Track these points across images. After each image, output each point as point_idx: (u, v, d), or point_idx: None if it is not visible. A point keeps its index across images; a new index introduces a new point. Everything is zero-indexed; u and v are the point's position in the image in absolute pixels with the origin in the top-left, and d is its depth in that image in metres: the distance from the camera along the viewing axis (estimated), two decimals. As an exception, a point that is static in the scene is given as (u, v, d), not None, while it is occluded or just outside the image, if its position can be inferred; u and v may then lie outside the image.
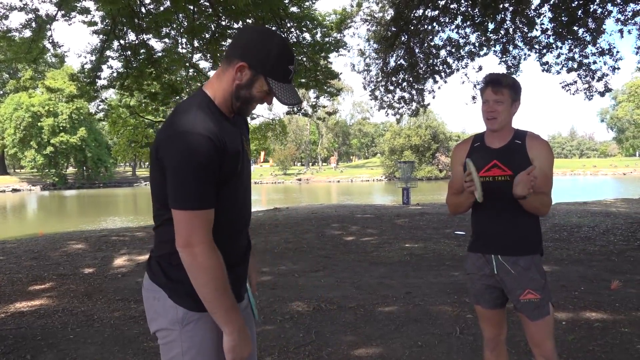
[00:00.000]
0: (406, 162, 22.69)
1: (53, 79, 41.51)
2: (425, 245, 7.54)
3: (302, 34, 11.27)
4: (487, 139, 2.34)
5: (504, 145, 2.28)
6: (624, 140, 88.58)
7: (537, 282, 2.23)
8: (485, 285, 2.34)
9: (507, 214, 2.25)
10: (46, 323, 4.23)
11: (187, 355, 1.51)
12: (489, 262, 2.30)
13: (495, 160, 2.26)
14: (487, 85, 2.24)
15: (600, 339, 3.55)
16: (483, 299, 2.36)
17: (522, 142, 2.26)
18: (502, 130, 2.27)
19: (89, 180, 55.60)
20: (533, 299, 2.21)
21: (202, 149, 1.42)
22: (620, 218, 10.02)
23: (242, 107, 1.57)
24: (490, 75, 2.28)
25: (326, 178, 61.39)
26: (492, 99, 2.22)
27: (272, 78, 1.52)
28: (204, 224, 1.44)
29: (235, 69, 1.50)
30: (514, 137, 2.28)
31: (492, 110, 2.22)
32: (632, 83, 70.59)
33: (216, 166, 1.45)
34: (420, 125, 56.17)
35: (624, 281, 5.07)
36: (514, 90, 2.23)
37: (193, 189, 1.43)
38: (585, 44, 10.30)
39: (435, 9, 11.28)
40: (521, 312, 2.26)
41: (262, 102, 1.60)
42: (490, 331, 2.41)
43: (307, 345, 3.58)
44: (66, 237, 9.68)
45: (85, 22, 9.85)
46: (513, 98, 2.24)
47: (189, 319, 1.51)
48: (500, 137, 2.29)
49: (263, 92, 1.54)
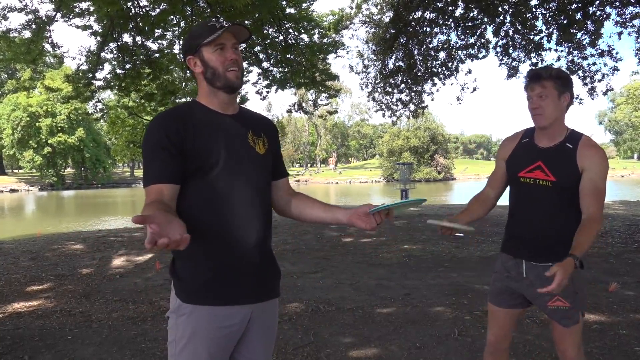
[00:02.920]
0: (405, 164, 22.77)
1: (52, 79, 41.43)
2: (424, 247, 7.55)
3: (299, 35, 11.28)
4: (537, 136, 2.19)
5: (553, 145, 2.12)
6: (622, 143, 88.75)
7: (567, 290, 2.05)
8: (505, 286, 2.27)
9: (542, 219, 2.13)
10: (44, 324, 4.22)
11: (179, 344, 1.59)
12: (519, 266, 2.21)
13: (541, 162, 2.12)
14: (528, 82, 2.11)
15: (599, 341, 3.56)
16: (501, 298, 2.29)
17: (573, 147, 2.08)
18: (553, 127, 2.10)
19: (86, 181, 55.48)
20: (562, 307, 2.11)
21: (151, 132, 1.58)
22: (619, 220, 10.03)
23: (221, 84, 1.63)
24: (531, 71, 2.16)
25: (325, 179, 61.43)
26: (534, 94, 2.07)
27: (206, 39, 1.60)
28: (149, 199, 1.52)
29: (191, 66, 1.65)
30: (567, 139, 2.11)
31: (536, 107, 2.07)
32: (631, 86, 70.73)
33: (164, 145, 1.54)
34: (419, 127, 56.20)
35: (621, 283, 5.08)
36: (558, 81, 2.06)
37: (144, 169, 1.58)
38: (584, 47, 10.32)
39: (434, 12, 11.29)
40: (551, 317, 2.19)
41: (226, 62, 1.62)
42: (496, 332, 2.34)
43: (306, 347, 3.57)
44: (64, 238, 9.67)
45: (79, 27, 9.83)
46: (560, 90, 2.06)
47: (182, 310, 1.59)
48: (550, 136, 2.12)
49: (215, 54, 1.62)
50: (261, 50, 11.37)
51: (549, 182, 2.09)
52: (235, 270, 1.61)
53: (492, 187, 2.37)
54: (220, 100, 1.66)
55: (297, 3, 10.46)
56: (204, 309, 1.58)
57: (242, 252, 1.62)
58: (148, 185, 1.53)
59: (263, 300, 1.69)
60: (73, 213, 26.53)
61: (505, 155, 2.28)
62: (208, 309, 1.58)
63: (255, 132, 1.72)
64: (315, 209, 1.81)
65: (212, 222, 1.59)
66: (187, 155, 1.55)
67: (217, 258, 1.59)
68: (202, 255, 1.59)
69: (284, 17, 10.47)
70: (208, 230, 1.58)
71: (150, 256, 7.11)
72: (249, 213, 1.64)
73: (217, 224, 1.58)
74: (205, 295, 1.58)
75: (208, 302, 1.58)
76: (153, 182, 1.53)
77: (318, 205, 1.83)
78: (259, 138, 1.72)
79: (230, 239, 1.61)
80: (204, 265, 1.59)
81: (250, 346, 1.70)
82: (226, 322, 1.60)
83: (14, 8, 8.92)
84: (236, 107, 1.72)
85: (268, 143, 1.76)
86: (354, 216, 1.69)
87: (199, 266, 1.59)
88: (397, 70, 12.33)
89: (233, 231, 1.61)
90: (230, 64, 1.61)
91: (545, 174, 2.09)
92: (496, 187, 2.36)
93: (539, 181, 2.11)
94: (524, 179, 2.15)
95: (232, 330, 1.62)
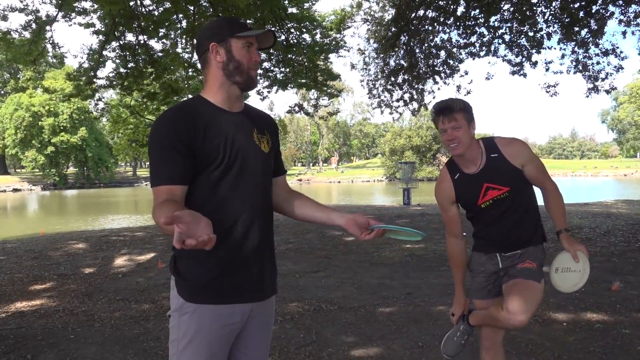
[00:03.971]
0: (407, 163, 22.73)
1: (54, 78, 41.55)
2: (426, 246, 7.54)
3: (301, 34, 11.28)
4: (463, 167, 2.30)
5: (483, 166, 2.25)
6: (625, 142, 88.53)
7: (534, 255, 2.30)
8: (485, 277, 2.40)
9: (510, 222, 2.29)
10: (47, 323, 4.23)
11: (181, 342, 1.59)
12: (493, 259, 2.37)
13: (486, 184, 2.25)
14: (439, 115, 2.21)
15: (601, 340, 3.55)
16: (484, 291, 2.41)
17: (498, 154, 2.24)
18: (470, 151, 2.24)
19: (89, 180, 55.59)
20: (530, 267, 2.27)
21: (160, 130, 1.55)
22: (621, 219, 10.01)
23: (241, 79, 1.62)
24: (439, 104, 2.25)
25: (327, 179, 61.38)
26: (448, 127, 2.18)
27: (238, 32, 1.60)
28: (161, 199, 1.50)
29: (211, 53, 1.61)
30: (487, 152, 2.26)
31: (452, 138, 2.19)
32: (634, 84, 70.54)
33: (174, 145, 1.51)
34: (421, 125, 56.15)
35: (624, 282, 5.06)
36: (466, 112, 2.21)
37: (153, 168, 1.54)
38: (588, 45, 10.29)
39: (436, 10, 11.27)
40: (517, 275, 2.27)
41: (252, 60, 1.63)
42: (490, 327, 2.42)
43: (308, 346, 3.57)
44: (67, 237, 9.69)
45: (82, 25, 9.84)
46: (468, 119, 2.21)
47: (185, 309, 1.58)
48: (473, 159, 2.26)
49: (243, 49, 1.61)
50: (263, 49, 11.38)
51: (506, 193, 2.24)
52: (239, 269, 1.62)
53: (457, 234, 2.42)
54: (229, 96, 1.64)
55: (299, 2, 10.46)
56: (207, 308, 1.58)
57: (245, 250, 1.62)
58: (158, 185, 1.51)
59: (265, 298, 1.70)
60: (75, 212, 26.59)
61: (452, 198, 2.35)
62: (212, 308, 1.58)
63: (259, 130, 1.71)
64: (311, 208, 1.83)
65: (217, 220, 1.54)
66: (196, 154, 1.54)
67: (221, 257, 1.58)
68: (206, 254, 1.55)
69: (286, 17, 10.47)
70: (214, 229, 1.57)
71: (152, 255, 7.12)
72: (253, 212, 1.64)
73: (221, 223, 1.57)
74: (209, 294, 1.58)
75: (212, 300, 1.58)
76: (164, 183, 1.51)
77: (313, 204, 1.84)
78: (263, 136, 1.72)
79: (235, 238, 1.61)
80: (208, 264, 1.58)
81: (249, 342, 1.71)
82: (229, 320, 1.61)
83: (15, 8, 8.94)
84: (241, 104, 1.72)
85: (271, 141, 1.76)
86: (351, 222, 1.69)
87: (202, 265, 1.59)
88: (398, 69, 12.32)
89: (237, 230, 1.61)
90: (254, 65, 1.64)
91: (498, 189, 2.24)
92: (460, 231, 2.43)
93: (497, 197, 2.25)
94: (485, 204, 2.28)
95: (233, 327, 1.63)
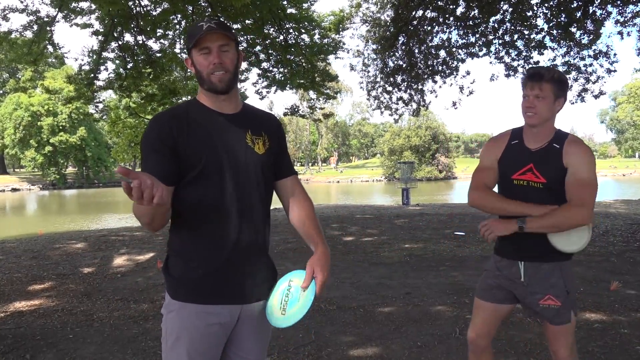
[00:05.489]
0: (406, 163, 22.73)
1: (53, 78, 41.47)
2: (425, 246, 7.54)
3: (300, 35, 11.28)
4: (526, 137, 2.19)
5: (542, 147, 2.14)
6: (623, 142, 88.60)
7: (559, 289, 2.13)
8: (497, 283, 2.28)
9: None
10: (45, 322, 4.23)
11: (169, 340, 1.62)
12: (514, 265, 2.22)
13: (532, 164, 2.13)
14: (528, 80, 2.09)
15: (600, 339, 3.56)
16: (489, 293, 2.30)
17: (559, 147, 2.11)
18: (542, 128, 2.12)
19: (88, 180, 55.53)
20: (553, 305, 2.14)
21: (149, 131, 1.59)
22: (620, 219, 10.02)
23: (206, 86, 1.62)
24: (532, 69, 2.15)
25: (326, 178, 61.37)
26: (531, 94, 2.07)
27: (192, 42, 1.59)
28: None
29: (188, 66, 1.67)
30: (553, 140, 2.13)
31: (531, 106, 2.08)
32: (632, 84, 70.63)
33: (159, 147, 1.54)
34: (420, 125, 56.17)
35: (623, 282, 5.07)
36: (558, 85, 2.07)
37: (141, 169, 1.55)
38: (583, 46, 10.29)
39: (435, 10, 11.27)
40: (542, 316, 2.19)
41: (210, 65, 1.60)
42: (477, 328, 2.34)
43: (307, 346, 3.58)
44: (66, 237, 9.68)
45: (79, 25, 9.83)
46: (556, 94, 2.07)
47: (171, 307, 1.62)
48: (538, 137, 2.14)
49: (201, 57, 1.60)
50: (261, 50, 11.37)
51: (540, 184, 2.11)
52: (224, 270, 1.61)
53: (490, 185, 2.29)
54: (214, 100, 1.65)
55: (298, 3, 10.46)
56: (191, 307, 1.59)
57: (231, 252, 1.62)
58: None
59: (252, 301, 1.67)
60: (75, 212, 26.56)
61: (497, 156, 2.25)
62: (195, 307, 1.59)
63: (254, 132, 1.70)
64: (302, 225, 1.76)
65: (204, 221, 1.60)
66: (180, 156, 1.56)
67: (205, 257, 1.60)
68: (192, 254, 1.61)
69: (285, 17, 10.47)
70: (199, 230, 1.60)
71: (151, 255, 7.12)
72: (241, 214, 1.63)
73: (208, 224, 1.60)
74: (191, 292, 1.59)
75: (193, 299, 1.59)
76: None
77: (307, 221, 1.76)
78: (258, 137, 1.70)
79: (221, 239, 1.61)
80: (194, 263, 1.60)
81: (242, 345, 1.70)
82: (215, 320, 1.60)
83: (15, 9, 8.93)
84: (238, 105, 1.70)
85: (269, 142, 1.73)
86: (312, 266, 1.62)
87: (188, 264, 1.61)
88: (397, 69, 12.32)
89: (223, 231, 1.61)
90: (214, 68, 1.59)
91: (536, 176, 2.12)
92: (492, 186, 2.30)
93: (531, 183, 2.13)
94: (517, 182, 2.16)
95: (221, 327, 1.62)
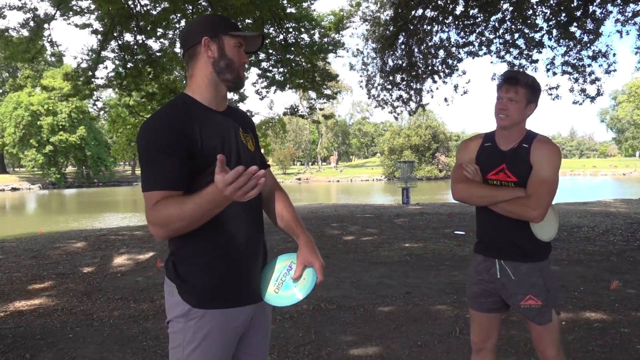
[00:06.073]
0: (406, 162, 22.76)
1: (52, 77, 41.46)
2: (425, 245, 7.54)
3: (300, 34, 11.27)
4: (498, 139, 2.25)
5: (512, 148, 2.20)
6: (624, 141, 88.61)
7: (539, 288, 2.17)
8: (481, 289, 2.30)
9: (511, 219, 2.16)
10: (45, 322, 4.23)
11: (187, 348, 1.57)
12: (492, 266, 2.25)
13: (504, 164, 2.19)
14: (504, 82, 2.15)
15: (600, 339, 3.55)
16: (477, 302, 2.33)
17: (528, 146, 2.17)
18: (513, 130, 2.18)
19: (88, 179, 55.51)
20: (534, 305, 2.17)
21: (155, 133, 1.49)
22: (620, 218, 10.02)
23: (231, 77, 1.61)
24: (508, 72, 2.20)
25: (326, 178, 61.36)
26: (506, 96, 2.13)
27: (231, 31, 1.60)
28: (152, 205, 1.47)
29: (203, 46, 1.58)
30: (523, 140, 2.19)
31: (504, 108, 2.13)
32: (632, 84, 70.61)
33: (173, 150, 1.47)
34: (420, 125, 56.19)
35: (623, 281, 5.07)
36: (531, 90, 2.13)
37: (145, 172, 1.50)
38: (582, 46, 10.27)
39: (434, 10, 11.26)
40: (524, 316, 2.23)
41: (241, 60, 1.63)
42: (478, 334, 2.38)
43: (307, 345, 3.58)
44: (65, 236, 9.68)
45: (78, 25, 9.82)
46: (529, 99, 2.14)
47: (193, 315, 1.56)
48: (510, 138, 2.20)
49: (234, 48, 1.61)
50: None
51: (511, 183, 2.17)
52: (242, 272, 1.63)
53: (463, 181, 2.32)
54: (216, 94, 1.62)
55: (298, 2, 10.45)
56: (216, 312, 1.58)
57: (245, 252, 1.63)
58: (152, 190, 1.46)
59: (261, 299, 1.71)
60: (74, 211, 26.56)
61: (472, 157, 2.31)
62: (220, 312, 1.58)
63: (244, 130, 1.71)
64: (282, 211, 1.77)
65: (217, 222, 1.54)
66: (195, 158, 1.50)
67: (223, 260, 1.59)
68: (208, 259, 1.57)
69: (285, 16, 10.46)
70: (211, 234, 1.56)
71: (151, 254, 7.12)
72: (250, 212, 1.64)
73: (221, 225, 1.56)
74: (217, 298, 1.58)
75: (220, 305, 1.58)
76: (159, 188, 1.46)
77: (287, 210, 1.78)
78: (247, 135, 1.72)
79: (236, 240, 1.60)
80: (213, 269, 1.58)
81: (251, 343, 1.72)
82: (235, 323, 1.62)
83: (13, 6, 8.92)
84: (226, 104, 1.71)
85: (254, 139, 1.76)
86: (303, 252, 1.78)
87: (205, 270, 1.57)
88: (397, 68, 12.32)
89: (238, 232, 1.61)
90: (243, 65, 1.65)
91: (508, 175, 2.18)
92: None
93: (503, 182, 2.20)
94: (491, 181, 2.22)
95: (238, 330, 1.64)
